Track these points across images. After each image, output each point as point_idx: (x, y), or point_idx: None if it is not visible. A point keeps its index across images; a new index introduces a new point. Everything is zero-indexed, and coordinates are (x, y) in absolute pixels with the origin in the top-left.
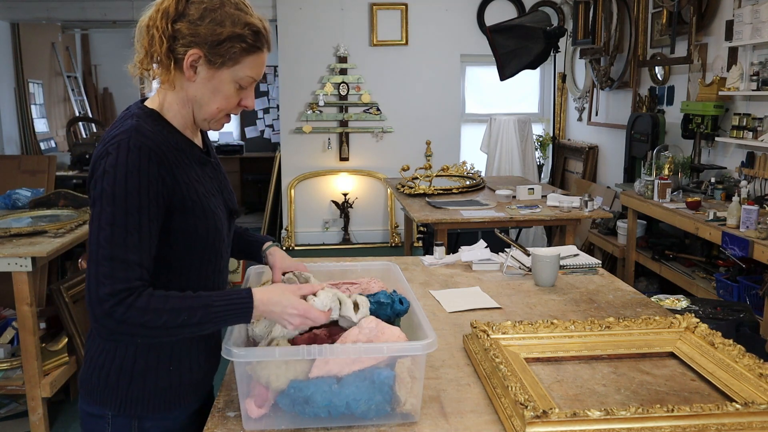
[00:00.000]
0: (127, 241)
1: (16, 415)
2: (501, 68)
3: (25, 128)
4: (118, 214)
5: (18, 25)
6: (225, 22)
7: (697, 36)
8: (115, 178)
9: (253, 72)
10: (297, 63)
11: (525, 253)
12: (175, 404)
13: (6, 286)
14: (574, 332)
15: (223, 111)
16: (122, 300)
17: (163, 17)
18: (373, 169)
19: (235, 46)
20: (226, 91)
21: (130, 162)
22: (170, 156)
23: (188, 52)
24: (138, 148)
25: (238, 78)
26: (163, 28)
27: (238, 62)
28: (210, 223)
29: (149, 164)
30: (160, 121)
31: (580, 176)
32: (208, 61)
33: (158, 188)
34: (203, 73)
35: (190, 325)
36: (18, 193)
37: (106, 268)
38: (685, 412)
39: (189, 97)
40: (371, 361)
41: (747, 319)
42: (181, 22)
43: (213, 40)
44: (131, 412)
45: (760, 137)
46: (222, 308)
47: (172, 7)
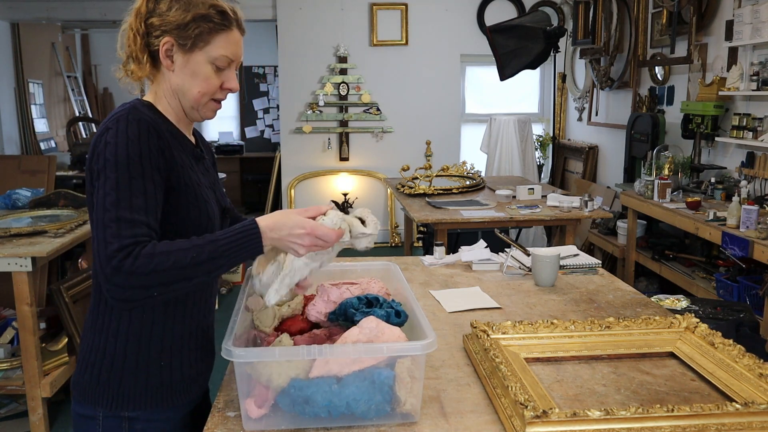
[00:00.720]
0: (132, 203)
1: (16, 415)
2: (501, 68)
3: (25, 128)
4: (122, 180)
5: (18, 25)
6: (190, 6)
7: (697, 36)
8: (116, 147)
9: (226, 51)
10: (297, 63)
11: (525, 253)
12: (166, 403)
13: (6, 286)
14: (574, 332)
15: (206, 95)
16: (129, 253)
17: (137, 17)
18: (373, 169)
19: (201, 26)
20: (204, 73)
21: (130, 132)
22: (165, 138)
23: (161, 42)
24: (137, 120)
25: (212, 58)
26: (137, 26)
27: (208, 42)
28: (203, 209)
29: (149, 135)
30: (156, 112)
31: (580, 176)
32: (180, 45)
33: (158, 159)
34: (179, 59)
35: (201, 263)
36: (18, 193)
37: (112, 228)
38: (685, 412)
39: (173, 88)
40: (371, 361)
41: (747, 319)
42: (153, 17)
43: (179, 24)
44: (122, 410)
45: (760, 137)
46: (229, 241)
47: (144, 6)
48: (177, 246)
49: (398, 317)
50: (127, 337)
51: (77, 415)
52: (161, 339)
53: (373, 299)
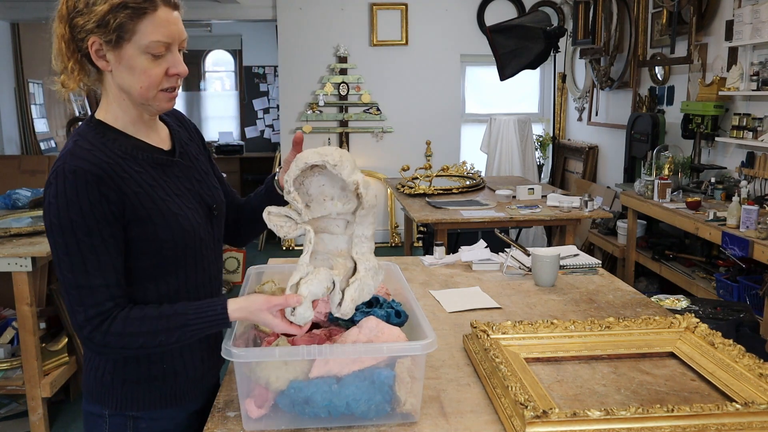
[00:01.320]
0: (86, 266)
1: (16, 415)
2: (501, 68)
3: (25, 128)
4: (70, 243)
5: (18, 25)
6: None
7: (697, 36)
8: (58, 209)
9: (157, 35)
10: (297, 63)
11: (525, 253)
12: (170, 404)
13: (6, 286)
14: (574, 332)
15: (150, 88)
16: (97, 326)
17: (61, 21)
18: (373, 169)
19: (119, 16)
20: (141, 65)
21: (68, 190)
22: (113, 169)
23: (88, 43)
24: (73, 172)
25: (143, 47)
26: (61, 32)
27: (134, 32)
28: (174, 226)
29: (87, 186)
30: (104, 132)
31: (580, 176)
32: (107, 43)
33: (102, 208)
34: (112, 58)
35: (169, 344)
36: (18, 193)
37: (74, 296)
38: (685, 412)
39: (118, 89)
40: (371, 361)
41: (747, 319)
42: (76, 17)
43: (98, 19)
44: (126, 411)
45: (760, 137)
46: (198, 326)
47: (63, 7)
48: (147, 327)
49: (398, 317)
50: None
51: (86, 412)
52: None
53: (373, 299)
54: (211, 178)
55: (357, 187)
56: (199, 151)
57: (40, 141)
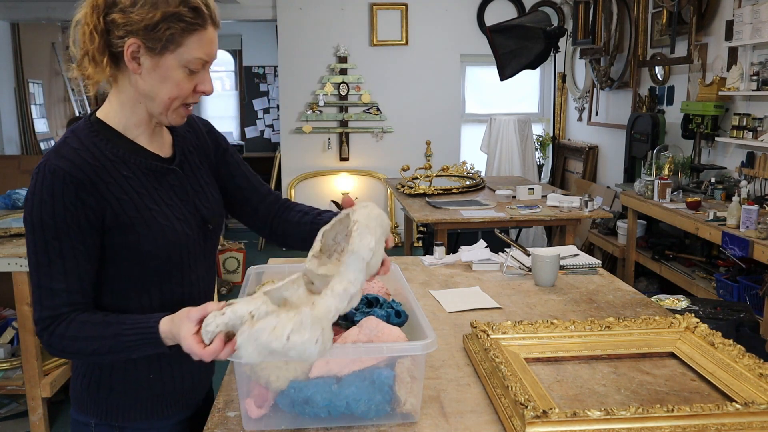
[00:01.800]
0: (51, 269)
1: (16, 415)
2: (501, 68)
3: (25, 128)
4: (38, 243)
5: (18, 25)
6: (158, 2)
7: (697, 36)
8: (32, 207)
9: (200, 53)
10: (297, 63)
11: (525, 253)
12: (157, 414)
13: (6, 286)
14: (574, 332)
15: (177, 100)
16: (46, 327)
17: (94, 12)
18: (373, 169)
19: (172, 27)
20: (175, 77)
21: (44, 189)
22: (96, 173)
23: (126, 44)
24: (52, 172)
25: (185, 62)
26: (94, 23)
27: (180, 44)
28: (159, 237)
29: (64, 189)
30: (100, 132)
31: (580, 176)
32: (148, 48)
33: (77, 212)
34: (147, 63)
35: (103, 354)
36: (18, 193)
37: (36, 294)
38: (685, 412)
39: (139, 92)
40: (371, 361)
41: (747, 319)
42: (114, 12)
43: (147, 24)
44: (113, 421)
45: (760, 137)
46: (131, 338)
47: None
48: (85, 333)
49: (398, 317)
50: None
51: (74, 420)
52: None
53: (373, 299)
54: (211, 189)
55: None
56: (205, 158)
57: (40, 141)
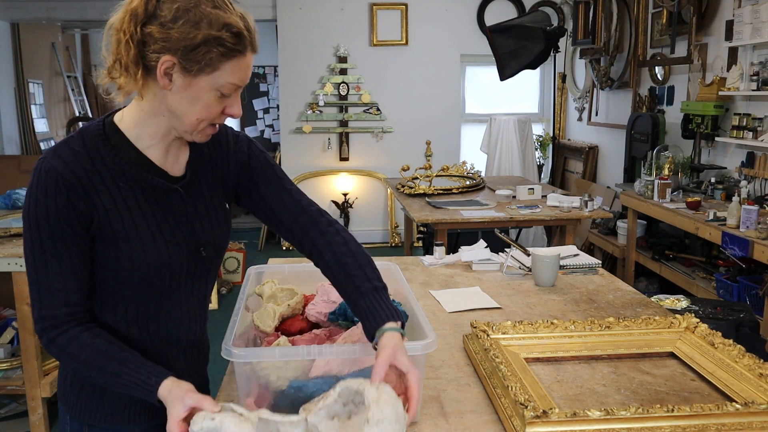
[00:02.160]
0: (48, 268)
1: (16, 415)
2: (501, 68)
3: (25, 128)
4: (35, 241)
5: (18, 25)
6: (201, 23)
7: (697, 36)
8: (28, 205)
9: (235, 78)
10: (297, 63)
11: (525, 253)
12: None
13: (6, 286)
14: (574, 332)
15: (205, 121)
16: (46, 329)
17: (132, 20)
18: (373, 169)
19: (212, 51)
20: (206, 100)
21: (39, 188)
22: (89, 179)
23: (161, 59)
24: (46, 172)
25: (218, 85)
26: (131, 32)
27: (217, 68)
28: (138, 256)
29: (56, 190)
30: (110, 138)
31: (580, 176)
32: (183, 68)
33: (69, 215)
34: (179, 81)
35: (96, 380)
36: (18, 193)
37: (34, 292)
38: (685, 412)
39: (166, 107)
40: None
41: (747, 319)
42: (152, 24)
43: (187, 44)
44: (83, 418)
45: (760, 137)
46: (128, 383)
47: (141, 7)
48: (84, 356)
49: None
50: None
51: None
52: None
53: None
54: (218, 214)
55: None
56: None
57: (40, 141)
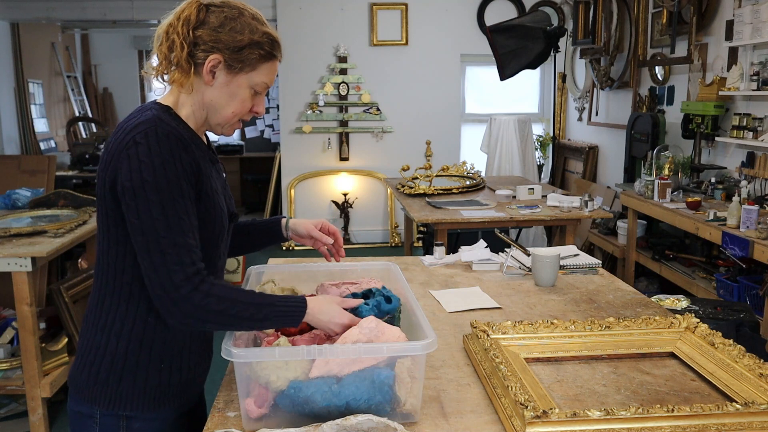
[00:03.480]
0: (183, 226)
1: (16, 415)
2: (501, 68)
3: (25, 128)
4: (166, 202)
5: (18, 25)
6: (244, 30)
7: (697, 36)
8: (154, 167)
9: (267, 78)
10: (297, 63)
11: (525, 253)
12: (164, 404)
13: (6, 286)
14: (574, 332)
15: (237, 115)
16: (197, 285)
17: (185, 25)
18: (373, 169)
19: (254, 53)
20: (242, 95)
21: (163, 150)
22: (191, 147)
23: (209, 57)
24: (166, 135)
25: (253, 83)
26: (184, 34)
27: (255, 68)
28: (218, 218)
29: (180, 152)
30: (175, 118)
31: (580, 176)
32: (228, 66)
33: (191, 173)
34: (221, 78)
35: (255, 320)
36: (18, 193)
37: (173, 255)
38: (685, 412)
39: (205, 101)
40: (371, 361)
41: (747, 319)
42: (202, 29)
43: (234, 46)
44: (120, 410)
45: (760, 137)
46: (282, 309)
47: (194, 15)
48: (242, 298)
49: (389, 302)
50: (129, 338)
51: (74, 412)
52: (163, 341)
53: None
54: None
55: None
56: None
57: (40, 141)
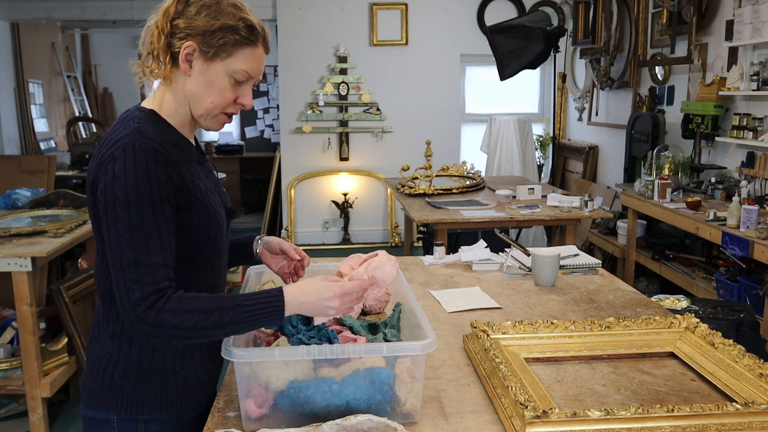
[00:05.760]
0: (148, 244)
1: (16, 415)
2: (501, 68)
3: (25, 128)
4: (134, 219)
5: (18, 25)
6: (220, 15)
7: (697, 36)
8: (126, 183)
9: (247, 66)
10: (297, 63)
11: (525, 253)
12: (180, 405)
13: (6, 286)
14: (574, 332)
15: (218, 106)
16: (153, 304)
17: (164, 16)
18: (373, 169)
19: (227, 37)
20: (220, 84)
21: (138, 165)
22: (174, 154)
23: (183, 45)
24: (144, 150)
25: (231, 71)
26: (162, 25)
27: (231, 54)
28: (212, 219)
29: (157, 165)
30: (159, 121)
31: (580, 176)
32: (202, 52)
33: (167, 188)
34: (198, 66)
35: (222, 326)
36: (18, 193)
37: (132, 274)
38: (685, 412)
39: (186, 92)
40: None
41: (747, 319)
42: (180, 19)
43: (206, 30)
44: (137, 414)
45: (760, 137)
46: (253, 309)
47: (173, 7)
48: (201, 306)
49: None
50: (141, 344)
51: (89, 419)
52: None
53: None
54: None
55: None
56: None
57: (39, 141)
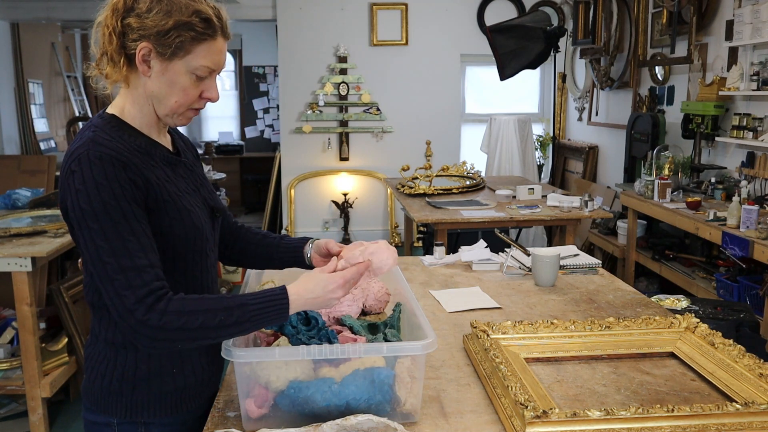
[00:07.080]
0: (128, 248)
1: (16, 415)
2: (501, 68)
3: (25, 128)
4: (107, 227)
5: (18, 25)
6: (172, 11)
7: (697, 36)
8: (88, 194)
9: (208, 61)
10: (297, 63)
11: (525, 253)
12: (180, 408)
13: (6, 286)
14: (574, 332)
15: (183, 105)
16: (151, 306)
17: (114, 14)
18: (373, 169)
19: (182, 35)
20: (182, 83)
21: (96, 174)
22: (134, 158)
23: (138, 46)
24: (99, 158)
25: (192, 68)
26: (113, 25)
27: (189, 52)
28: (187, 221)
29: (115, 171)
30: (120, 127)
31: (580, 176)
32: (158, 53)
33: (133, 191)
34: (156, 66)
35: (229, 326)
36: (18, 193)
37: (120, 280)
38: (685, 412)
39: (147, 93)
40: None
41: (747, 319)
42: (130, 17)
43: (159, 30)
44: (137, 418)
45: (761, 137)
46: (258, 307)
47: (121, 3)
48: (206, 306)
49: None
50: (137, 348)
51: (90, 422)
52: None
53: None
54: (209, 184)
55: None
56: (195, 158)
57: (40, 141)
